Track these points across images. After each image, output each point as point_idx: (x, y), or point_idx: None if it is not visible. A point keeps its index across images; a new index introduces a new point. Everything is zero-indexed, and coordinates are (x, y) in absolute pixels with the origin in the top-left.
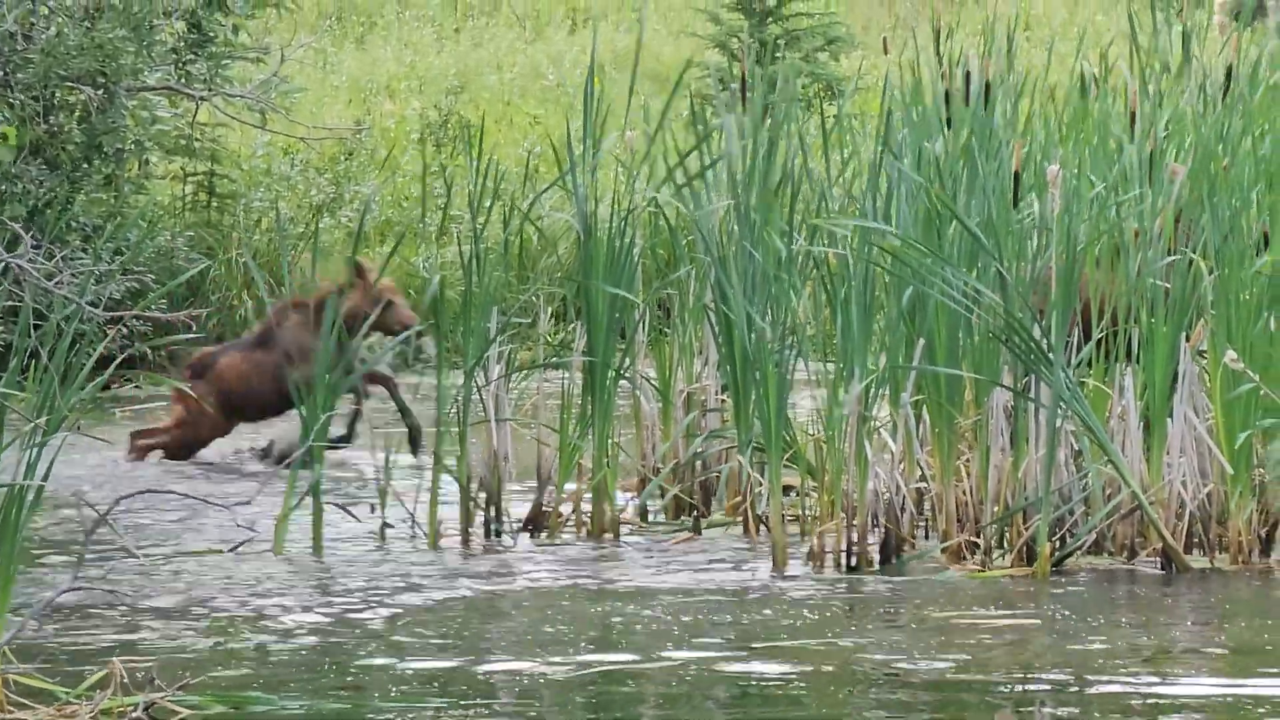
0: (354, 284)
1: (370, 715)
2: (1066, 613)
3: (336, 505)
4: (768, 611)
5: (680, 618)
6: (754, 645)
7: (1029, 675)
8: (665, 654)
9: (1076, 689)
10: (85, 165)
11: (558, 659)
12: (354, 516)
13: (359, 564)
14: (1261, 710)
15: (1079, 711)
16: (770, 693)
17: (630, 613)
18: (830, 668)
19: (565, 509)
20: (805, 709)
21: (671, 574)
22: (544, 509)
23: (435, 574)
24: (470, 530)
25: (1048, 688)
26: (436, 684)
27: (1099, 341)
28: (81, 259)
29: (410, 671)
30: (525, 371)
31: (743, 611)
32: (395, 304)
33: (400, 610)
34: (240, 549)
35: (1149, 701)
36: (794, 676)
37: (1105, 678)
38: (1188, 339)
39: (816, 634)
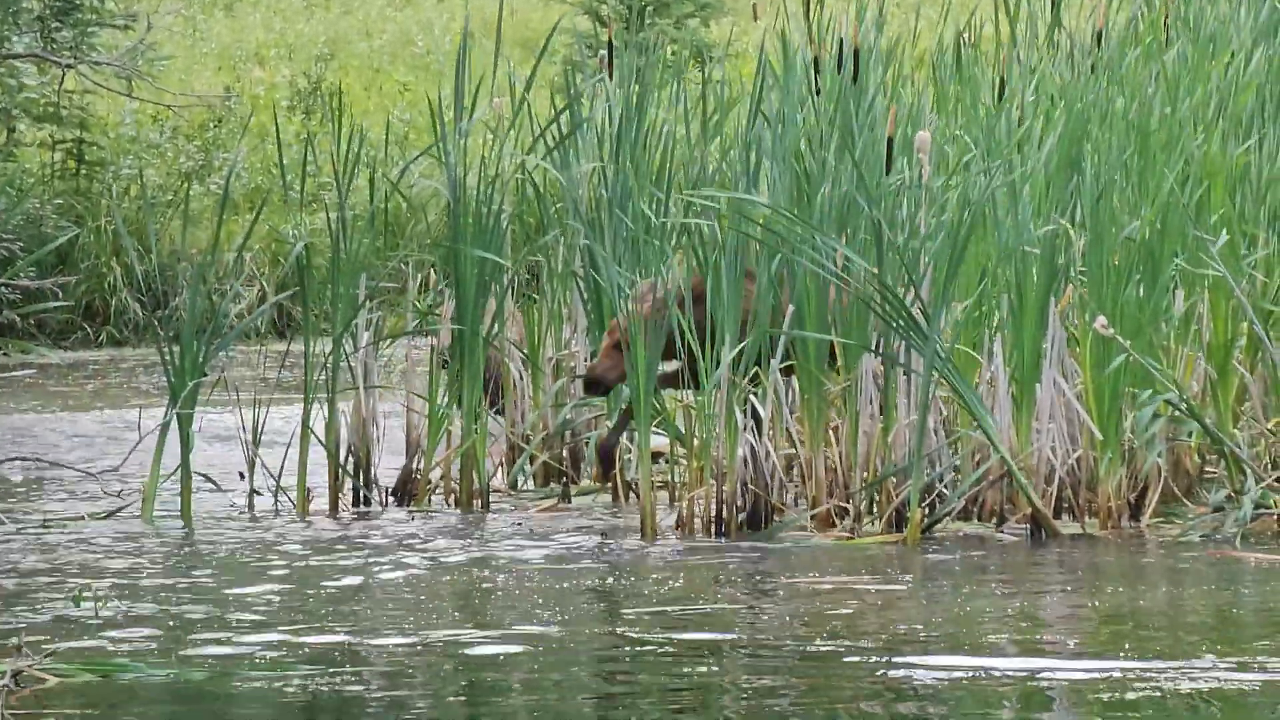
0: None
1: (237, 684)
2: (936, 579)
3: (200, 475)
4: (636, 579)
5: (549, 586)
6: (623, 613)
7: (896, 642)
8: (533, 624)
9: (946, 656)
10: None
11: (427, 630)
12: (215, 485)
13: (227, 534)
14: (1131, 678)
15: (947, 678)
16: (642, 660)
17: (500, 582)
18: (701, 635)
19: (434, 475)
20: (676, 677)
21: (541, 542)
22: (413, 476)
23: (303, 543)
24: (339, 498)
25: (917, 655)
26: (304, 652)
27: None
28: None
29: (277, 640)
30: (393, 339)
31: (612, 579)
32: None
33: (268, 579)
34: (110, 517)
35: (1016, 667)
36: (663, 644)
37: (975, 644)
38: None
39: (685, 601)
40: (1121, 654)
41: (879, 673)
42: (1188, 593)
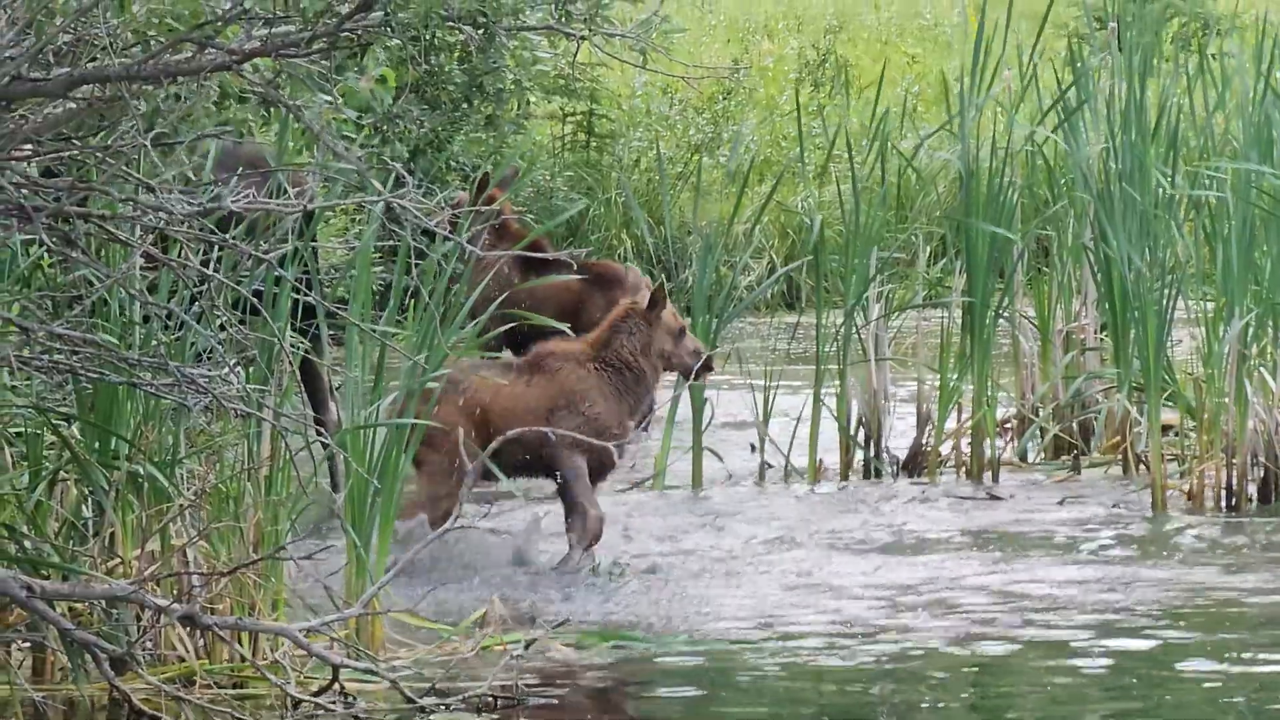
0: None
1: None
2: None
3: (709, 449)
4: (1150, 549)
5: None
6: (1139, 582)
7: None
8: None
9: None
10: (465, 105)
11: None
12: (717, 456)
13: (741, 502)
14: None
15: None
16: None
17: (1016, 548)
18: (1212, 607)
19: (945, 449)
20: (1186, 651)
21: (1052, 511)
22: (923, 448)
23: (821, 510)
24: (850, 470)
25: None
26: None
27: None
28: (461, 198)
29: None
30: (904, 311)
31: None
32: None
33: (776, 546)
34: (630, 489)
35: None
36: (1175, 612)
37: None
38: None
39: (1195, 573)
40: None
41: None
42: None
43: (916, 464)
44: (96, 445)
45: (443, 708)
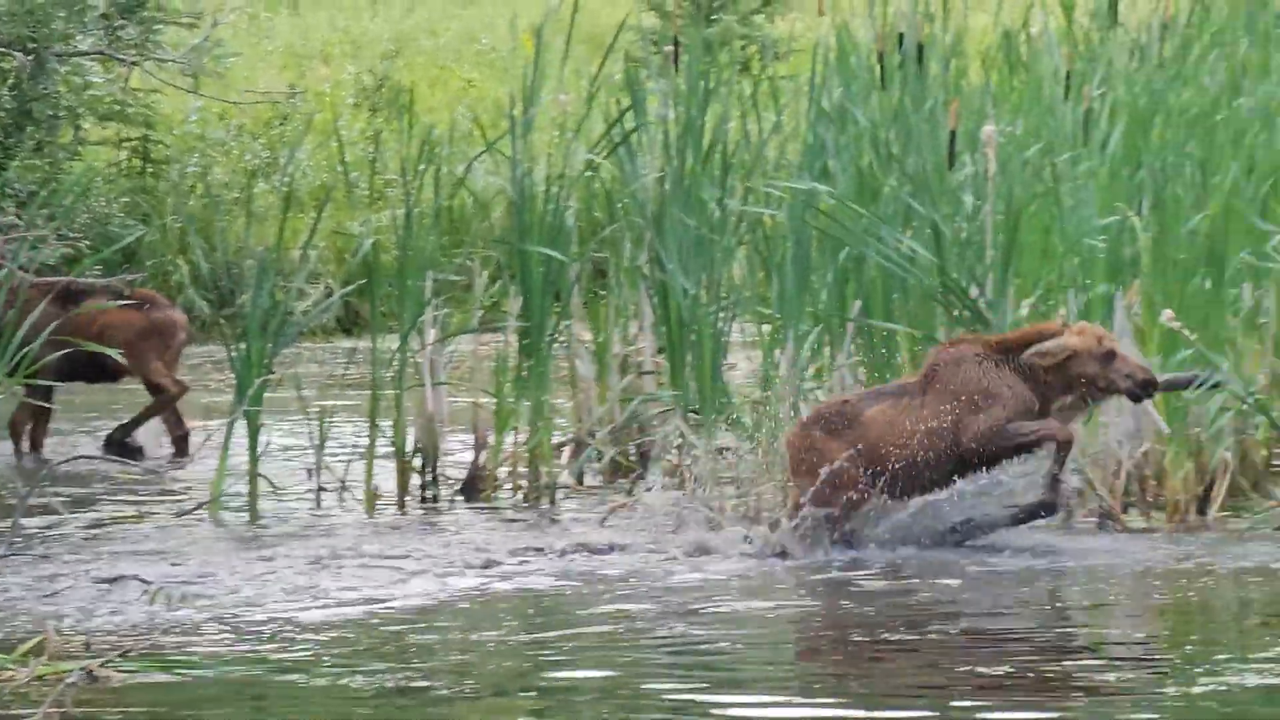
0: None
1: (318, 680)
2: None
3: (263, 476)
4: (701, 575)
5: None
6: (692, 608)
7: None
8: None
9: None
10: (17, 132)
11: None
12: (272, 484)
13: (294, 529)
14: None
15: None
16: (704, 657)
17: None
18: (767, 631)
19: (501, 472)
20: (742, 671)
21: (607, 535)
22: (480, 472)
23: (369, 538)
24: (406, 494)
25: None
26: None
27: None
28: (16, 225)
29: (354, 636)
30: (460, 334)
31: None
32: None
33: (338, 573)
34: (181, 516)
35: None
36: (732, 639)
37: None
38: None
39: (756, 596)
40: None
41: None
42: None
43: (474, 488)
44: None
45: None
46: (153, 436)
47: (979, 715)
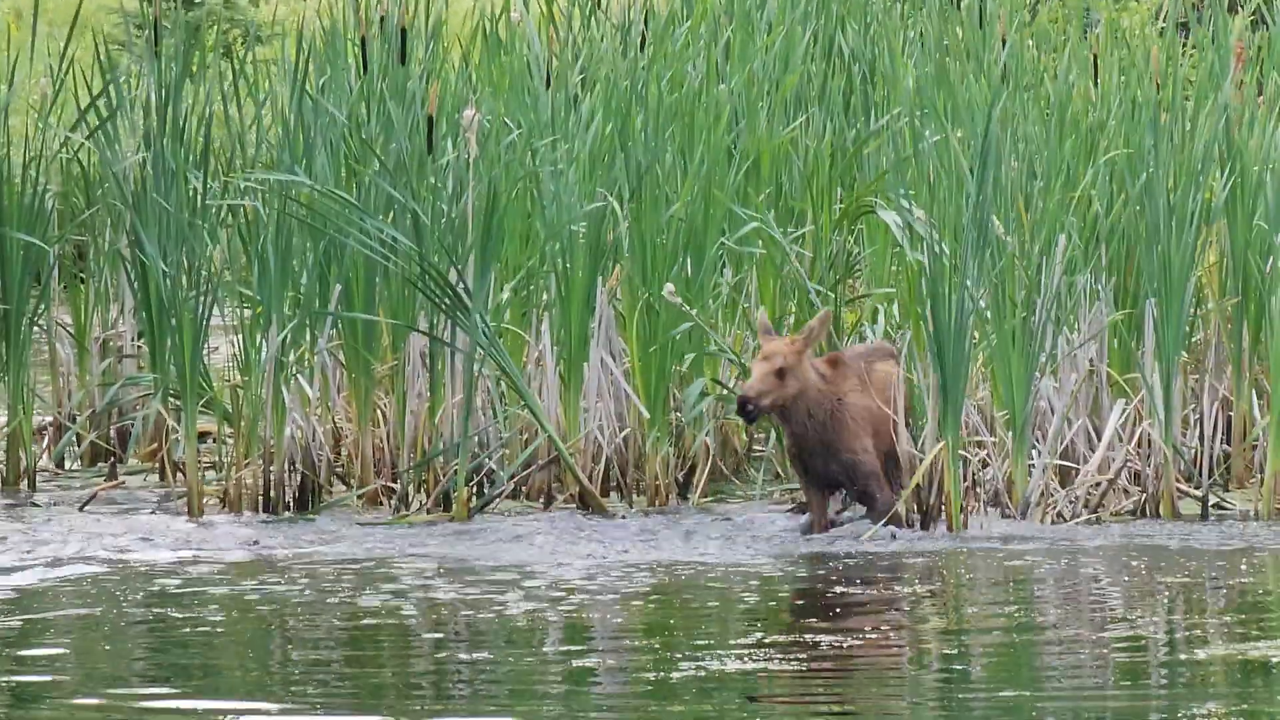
0: None
1: None
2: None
3: None
4: (185, 555)
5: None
6: (172, 592)
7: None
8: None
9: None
10: None
11: None
12: None
13: None
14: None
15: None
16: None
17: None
18: (250, 614)
19: None
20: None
21: (87, 518)
22: None
23: None
24: None
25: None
26: None
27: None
28: None
29: None
30: None
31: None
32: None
33: None
34: None
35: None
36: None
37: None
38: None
39: (233, 582)
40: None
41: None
42: None
43: None
44: None
45: None
46: None
47: None
